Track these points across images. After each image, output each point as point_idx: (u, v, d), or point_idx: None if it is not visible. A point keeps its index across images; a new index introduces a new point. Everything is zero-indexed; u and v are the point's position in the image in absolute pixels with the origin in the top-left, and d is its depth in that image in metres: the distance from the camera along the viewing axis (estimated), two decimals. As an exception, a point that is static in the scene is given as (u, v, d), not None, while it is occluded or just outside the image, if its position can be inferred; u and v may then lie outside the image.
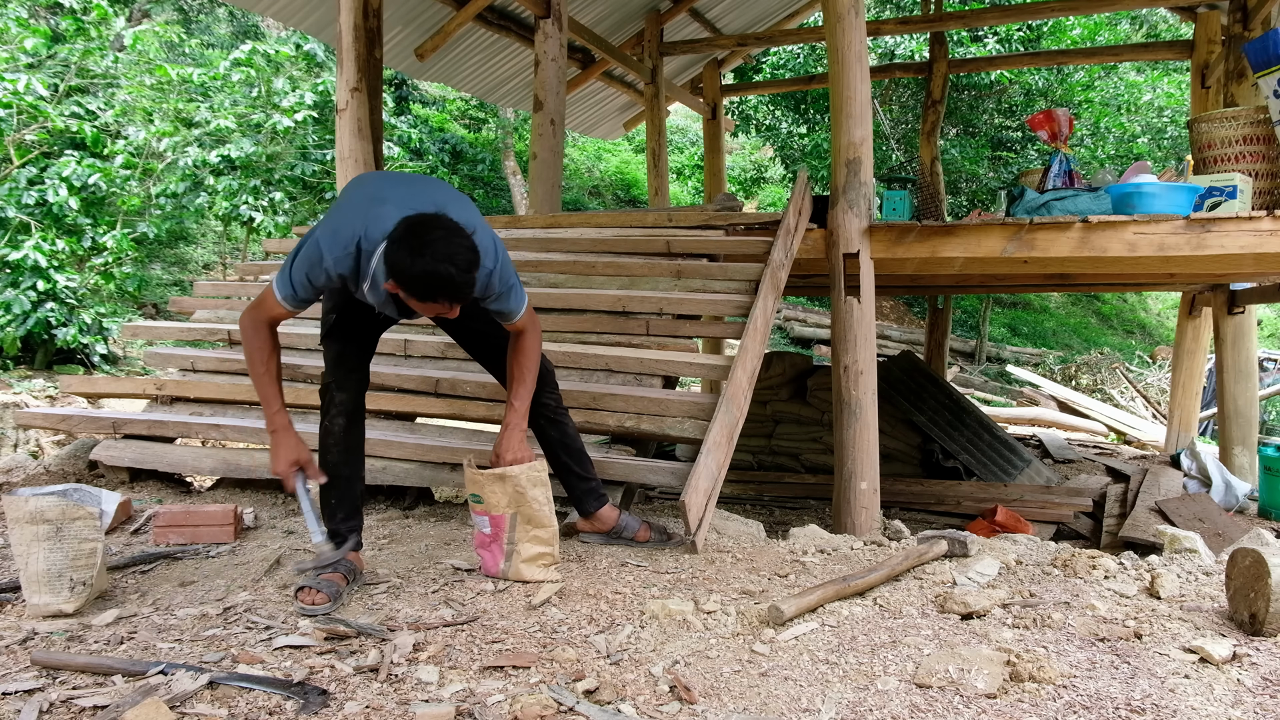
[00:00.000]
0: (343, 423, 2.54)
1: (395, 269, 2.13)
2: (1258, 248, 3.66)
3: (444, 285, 2.12)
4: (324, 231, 2.28)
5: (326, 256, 2.24)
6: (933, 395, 6.54)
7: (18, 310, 7.78)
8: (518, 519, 2.47)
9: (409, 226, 2.14)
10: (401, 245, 2.11)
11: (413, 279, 2.12)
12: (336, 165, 5.50)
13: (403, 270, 2.12)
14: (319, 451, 2.56)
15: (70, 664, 1.87)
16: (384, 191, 2.37)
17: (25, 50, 8.54)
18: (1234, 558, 2.23)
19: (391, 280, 2.17)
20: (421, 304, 2.21)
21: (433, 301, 2.18)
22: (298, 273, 2.28)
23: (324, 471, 2.51)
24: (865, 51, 4.16)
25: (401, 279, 2.14)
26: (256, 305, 2.37)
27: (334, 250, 2.24)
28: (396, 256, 2.12)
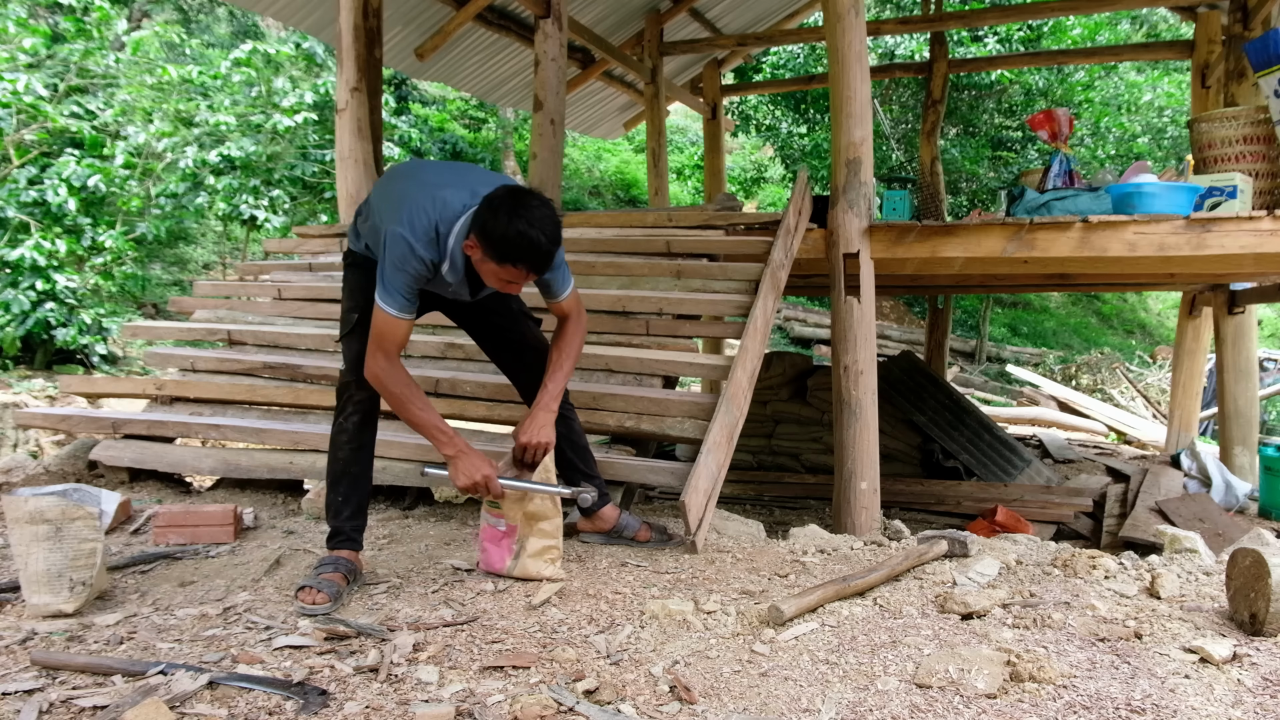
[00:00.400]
0: (357, 420, 2.55)
1: (487, 230, 2.20)
2: (1258, 248, 3.65)
3: (531, 249, 2.20)
4: (398, 228, 2.28)
5: (417, 247, 2.27)
6: (933, 395, 6.54)
7: (17, 310, 7.78)
8: (525, 519, 2.49)
9: (509, 192, 2.23)
10: (499, 208, 2.20)
11: (504, 239, 2.19)
12: (336, 165, 5.49)
13: (495, 231, 2.19)
14: (330, 449, 2.57)
15: (70, 664, 1.87)
16: (437, 178, 2.41)
17: (24, 50, 8.53)
18: (1234, 558, 2.23)
19: (478, 242, 2.23)
20: (500, 267, 2.25)
21: (512, 265, 2.24)
22: (395, 280, 2.29)
23: (332, 468, 2.54)
24: (865, 51, 4.16)
25: (491, 239, 2.20)
26: (377, 343, 2.33)
27: (420, 239, 2.28)
28: (492, 218, 2.19)
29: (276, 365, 3.95)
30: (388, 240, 2.28)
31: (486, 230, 2.21)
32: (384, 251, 2.29)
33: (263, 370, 3.96)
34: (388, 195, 2.44)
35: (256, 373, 3.97)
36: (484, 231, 2.22)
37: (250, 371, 3.99)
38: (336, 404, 2.60)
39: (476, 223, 2.24)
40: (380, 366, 2.35)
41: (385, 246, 2.29)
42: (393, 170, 2.62)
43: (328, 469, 2.59)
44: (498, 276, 2.31)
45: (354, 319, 2.57)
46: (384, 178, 2.60)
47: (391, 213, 2.34)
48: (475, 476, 2.36)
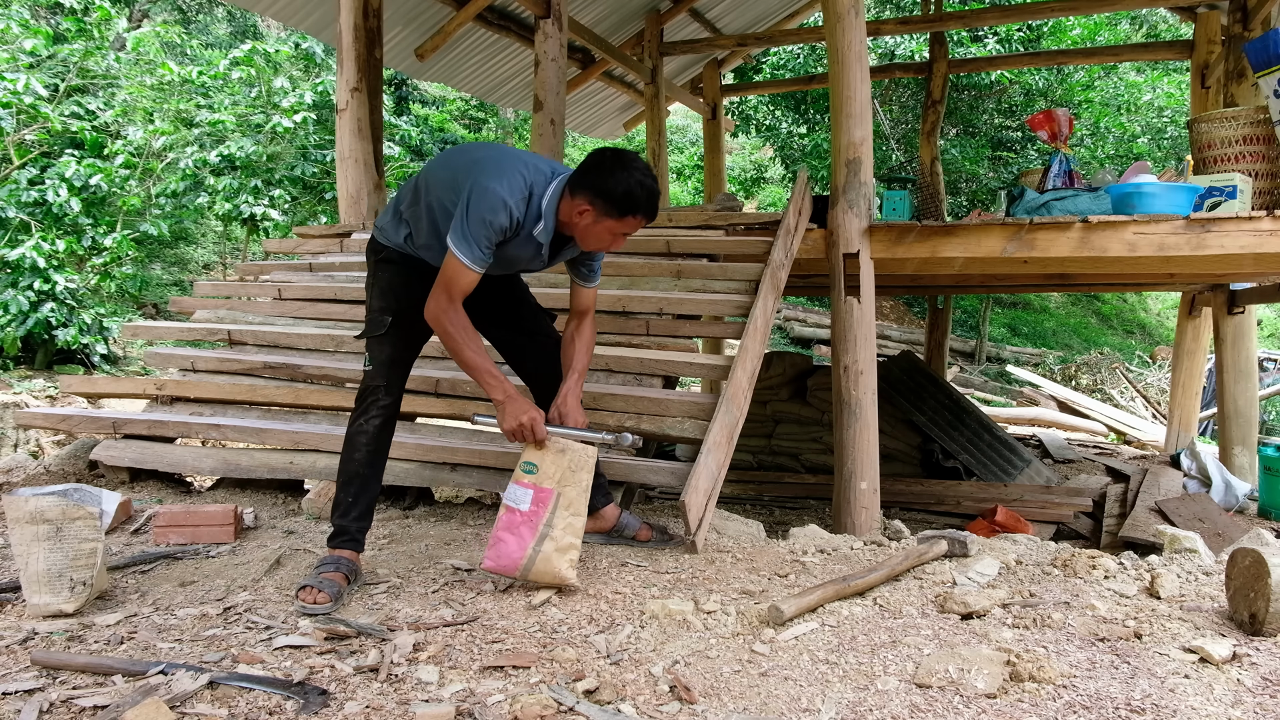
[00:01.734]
0: (379, 424, 2.55)
1: (604, 188, 2.32)
2: (1258, 248, 3.66)
3: (649, 199, 2.36)
4: (491, 183, 2.32)
5: (510, 203, 2.33)
6: (933, 395, 6.54)
7: (17, 310, 7.78)
8: (560, 500, 2.42)
9: (613, 153, 2.37)
10: (609, 168, 2.33)
11: (626, 194, 2.33)
12: (336, 165, 5.50)
13: (616, 187, 2.32)
14: (345, 448, 2.55)
15: (70, 664, 1.87)
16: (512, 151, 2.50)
17: (25, 51, 8.54)
18: (1234, 558, 2.23)
19: (591, 203, 2.34)
20: (618, 222, 2.37)
21: (632, 216, 2.37)
22: (478, 232, 2.32)
23: (347, 468, 2.53)
24: (865, 51, 4.16)
25: (612, 196, 2.32)
26: (445, 288, 2.36)
27: (513, 196, 2.34)
28: (608, 177, 2.32)
29: (277, 365, 3.95)
30: (475, 193, 2.31)
31: (604, 189, 2.33)
32: (468, 204, 2.31)
33: (263, 370, 3.96)
34: (463, 163, 2.46)
35: (257, 373, 3.98)
36: (601, 190, 2.33)
37: (250, 371, 3.99)
38: (357, 405, 2.57)
39: (586, 186, 2.35)
40: (443, 308, 2.38)
41: (471, 198, 2.31)
42: (452, 150, 2.61)
43: (341, 468, 2.56)
44: (612, 233, 2.42)
45: (386, 321, 2.53)
46: (444, 156, 2.58)
47: (478, 172, 2.37)
48: (522, 419, 2.42)
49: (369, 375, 2.56)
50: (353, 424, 2.56)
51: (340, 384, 3.89)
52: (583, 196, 2.37)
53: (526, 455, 2.47)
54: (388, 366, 2.55)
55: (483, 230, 2.32)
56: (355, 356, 4.05)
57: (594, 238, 2.44)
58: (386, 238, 2.60)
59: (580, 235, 2.44)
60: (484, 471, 3.32)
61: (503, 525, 2.44)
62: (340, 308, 4.40)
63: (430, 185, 2.50)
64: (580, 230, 2.42)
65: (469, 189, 2.33)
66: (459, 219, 2.33)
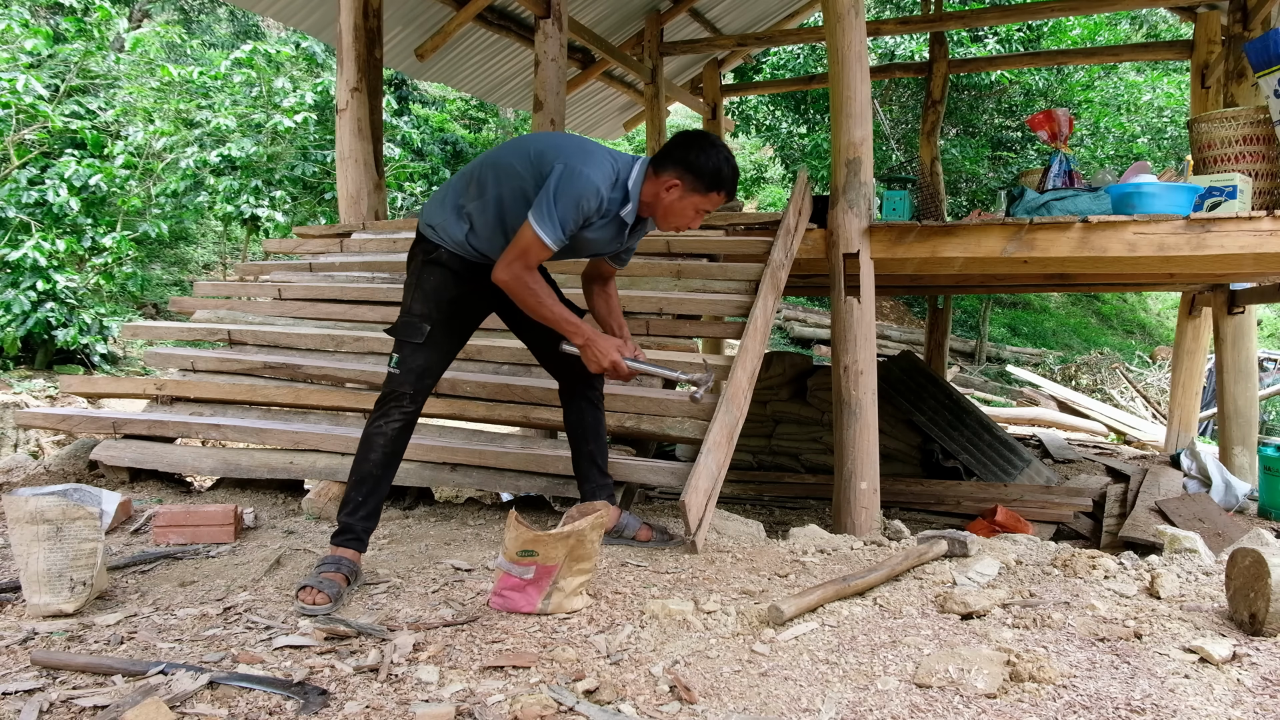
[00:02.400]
0: (399, 427, 2.53)
1: (695, 165, 2.44)
2: (1258, 248, 3.66)
3: (732, 177, 2.50)
4: (583, 167, 2.38)
5: (602, 188, 2.41)
6: (933, 395, 6.54)
7: (18, 310, 7.78)
8: (567, 560, 2.31)
9: (699, 133, 2.51)
10: (699, 146, 2.46)
11: (715, 171, 2.46)
12: (337, 165, 5.50)
13: (706, 165, 2.44)
14: (361, 448, 2.53)
15: (70, 664, 1.87)
16: (586, 139, 2.61)
17: (25, 51, 8.54)
18: (1234, 558, 2.23)
19: (681, 178, 2.45)
20: (704, 198, 2.49)
21: (717, 193, 2.49)
22: (565, 211, 2.37)
23: (361, 468, 2.52)
24: (865, 51, 4.16)
25: (702, 173, 2.45)
26: (522, 257, 2.41)
27: (604, 181, 2.42)
28: (699, 155, 2.45)
29: (277, 365, 3.95)
30: (567, 175, 2.37)
31: (694, 164, 2.45)
32: (557, 184, 2.36)
33: (263, 370, 3.96)
34: (541, 149, 2.49)
35: (257, 373, 3.98)
36: (691, 166, 2.45)
37: (250, 371, 3.99)
38: (379, 406, 2.54)
39: (676, 161, 2.46)
40: (518, 274, 2.43)
41: (561, 180, 2.37)
42: (515, 143, 2.61)
43: (355, 466, 2.54)
44: (696, 209, 2.52)
45: (425, 330, 2.52)
46: (509, 148, 2.58)
47: (568, 155, 2.42)
48: (604, 361, 2.52)
49: (395, 380, 2.53)
50: (372, 424, 2.54)
51: (340, 384, 3.89)
52: (671, 172, 2.47)
53: (521, 545, 2.29)
54: (418, 375, 2.53)
55: (571, 212, 2.37)
56: (355, 357, 4.05)
57: (677, 214, 2.53)
58: (440, 236, 2.56)
59: (663, 212, 2.53)
60: (484, 471, 3.32)
61: (504, 584, 2.32)
62: (340, 308, 4.40)
63: (500, 176, 2.50)
64: (664, 206, 2.51)
65: (559, 171, 2.38)
66: (545, 198, 2.37)
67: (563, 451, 3.33)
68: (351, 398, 3.76)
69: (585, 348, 2.53)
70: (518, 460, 3.29)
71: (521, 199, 2.46)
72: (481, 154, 2.65)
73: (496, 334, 4.07)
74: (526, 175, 2.46)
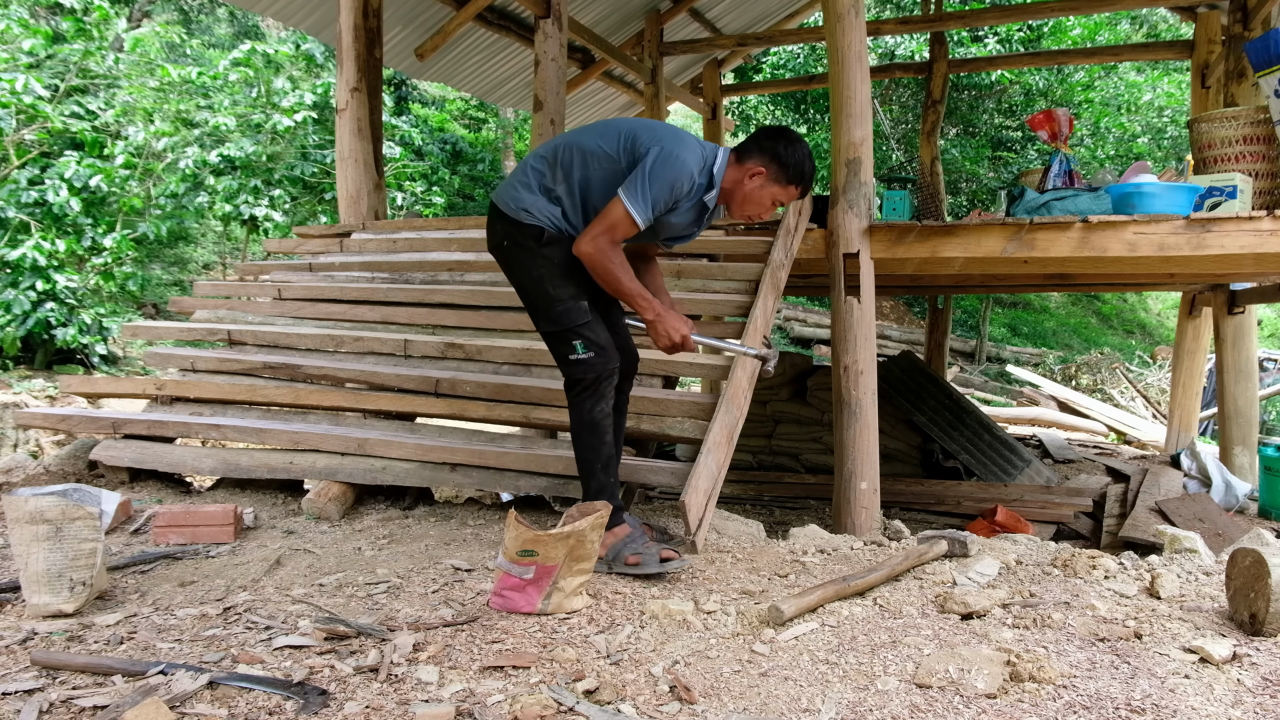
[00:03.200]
0: (613, 403, 2.64)
1: (782, 157, 2.53)
2: (1258, 248, 3.65)
3: (811, 175, 2.60)
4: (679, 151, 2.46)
5: (696, 173, 2.50)
6: (933, 395, 6.54)
7: (18, 310, 7.78)
8: (567, 560, 2.31)
9: (782, 128, 2.60)
10: (787, 139, 2.55)
11: (798, 165, 2.55)
12: (337, 165, 5.50)
13: (792, 157, 2.54)
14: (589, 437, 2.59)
15: (70, 664, 1.87)
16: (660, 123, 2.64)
17: (25, 51, 8.54)
18: (1234, 558, 2.23)
19: (766, 167, 2.53)
20: (783, 189, 2.58)
21: (795, 186, 2.58)
22: (658, 193, 2.44)
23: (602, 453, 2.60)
24: (865, 51, 4.16)
25: (787, 165, 2.54)
26: (609, 232, 2.46)
27: (697, 167, 2.51)
28: (787, 147, 2.54)
29: (276, 365, 3.95)
30: (663, 158, 2.43)
31: (781, 157, 2.53)
32: (651, 165, 2.43)
33: (263, 370, 3.96)
34: (632, 131, 2.54)
35: (256, 373, 3.98)
36: (778, 158, 2.53)
37: (250, 371, 3.99)
38: (588, 391, 2.57)
39: (764, 151, 2.54)
40: (603, 248, 2.47)
41: (657, 161, 2.43)
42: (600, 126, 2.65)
43: (592, 455, 2.60)
44: (774, 199, 2.60)
45: (585, 306, 2.58)
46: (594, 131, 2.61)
47: (663, 139, 2.48)
48: (675, 337, 2.59)
49: (595, 362, 2.57)
50: (589, 412, 2.58)
51: (340, 384, 3.89)
52: (756, 161, 2.54)
53: (521, 545, 2.29)
54: (608, 345, 2.60)
55: (663, 193, 2.43)
56: (355, 357, 4.05)
57: (755, 202, 2.59)
58: (539, 218, 2.57)
59: (741, 198, 2.59)
60: (484, 471, 3.32)
61: (504, 584, 2.32)
62: (340, 308, 4.40)
63: (588, 160, 2.54)
64: (744, 194, 2.58)
65: (655, 153, 2.43)
66: (640, 178, 2.42)
67: (563, 451, 3.33)
68: (351, 398, 3.76)
69: (655, 323, 2.57)
70: (518, 460, 3.29)
71: (610, 180, 2.51)
72: (558, 137, 2.67)
73: (496, 334, 4.08)
74: (619, 158, 2.51)
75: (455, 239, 4.82)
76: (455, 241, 4.80)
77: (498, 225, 2.64)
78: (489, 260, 4.53)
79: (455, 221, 5.41)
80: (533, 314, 2.68)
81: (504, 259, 2.68)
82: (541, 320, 2.63)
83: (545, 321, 2.61)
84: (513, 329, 4.07)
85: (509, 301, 4.17)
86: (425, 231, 5.01)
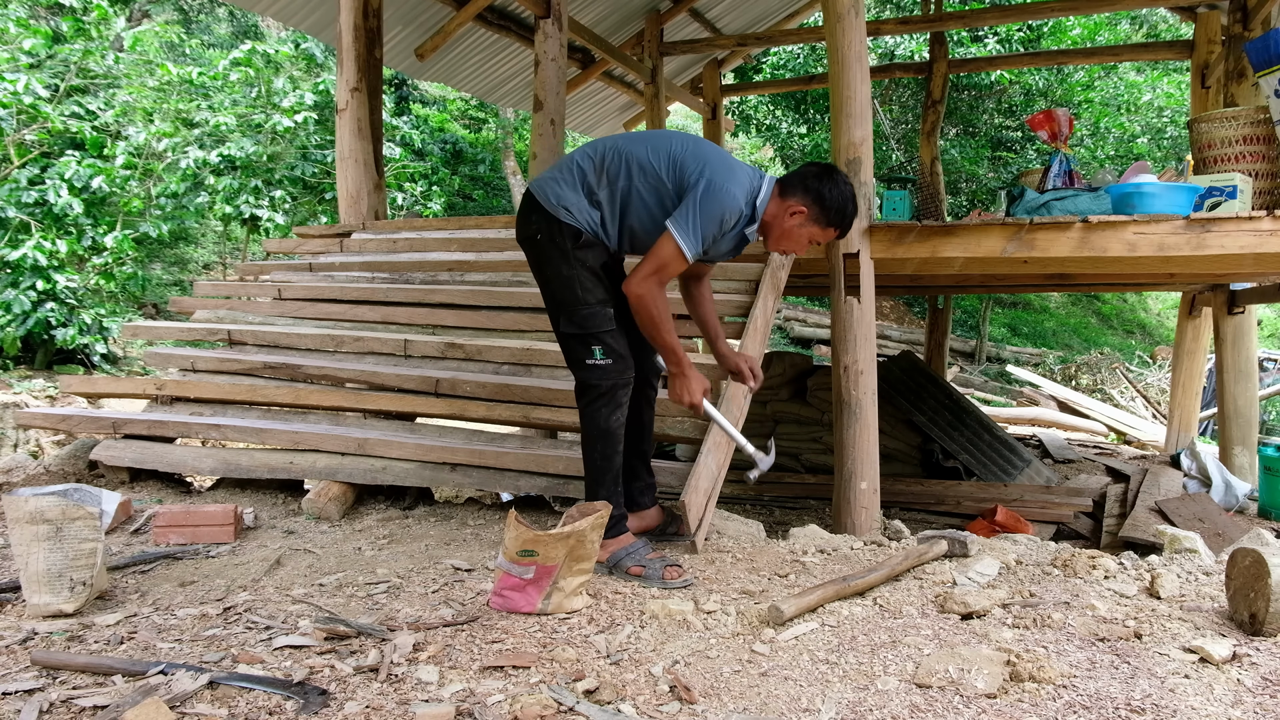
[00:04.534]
0: (626, 413, 2.60)
1: (826, 198, 2.51)
2: (1258, 248, 3.65)
3: (852, 219, 2.59)
4: (731, 185, 2.44)
5: (742, 207, 2.49)
6: (933, 395, 6.54)
7: (18, 310, 7.77)
8: (567, 560, 2.31)
9: (829, 167, 2.57)
10: (832, 180, 2.53)
11: (840, 208, 2.54)
12: (337, 165, 5.50)
13: (834, 200, 2.52)
14: (603, 446, 2.57)
15: (70, 664, 1.87)
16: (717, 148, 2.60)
17: (25, 51, 8.53)
18: (1234, 558, 2.23)
19: (806, 206, 2.51)
20: (823, 230, 2.57)
21: (834, 228, 2.58)
22: (708, 230, 2.43)
23: (610, 464, 2.59)
24: (865, 51, 4.16)
25: (829, 207, 2.52)
26: (659, 272, 2.46)
27: (745, 196, 2.49)
28: (832, 188, 2.52)
29: (277, 365, 3.95)
30: (712, 190, 2.42)
31: (825, 199, 2.51)
32: (702, 197, 2.41)
33: (263, 370, 3.96)
34: (681, 153, 2.51)
35: (257, 373, 3.98)
36: (821, 199, 2.51)
37: (250, 371, 3.99)
38: (602, 400, 2.54)
39: (807, 190, 2.51)
40: (652, 290, 2.46)
41: (706, 194, 2.41)
42: (650, 137, 2.61)
43: (601, 465, 2.58)
44: (811, 239, 2.59)
45: (610, 313, 2.55)
46: (643, 142, 2.57)
47: (712, 169, 2.44)
48: (687, 399, 2.61)
49: (612, 369, 2.54)
50: (606, 420, 2.55)
51: (340, 384, 3.89)
52: (799, 199, 2.52)
53: (522, 545, 2.28)
54: (627, 354, 2.58)
55: (713, 227, 2.42)
56: (355, 357, 4.05)
57: (791, 239, 2.58)
58: (578, 219, 2.53)
59: (779, 234, 2.57)
60: (484, 471, 3.32)
61: (506, 585, 2.31)
62: (340, 308, 4.40)
63: (633, 172, 2.50)
64: (781, 229, 2.56)
65: (704, 184, 2.41)
66: (691, 210, 2.40)
67: (562, 451, 3.33)
68: (352, 398, 3.76)
69: (678, 377, 2.60)
70: (518, 460, 3.29)
71: (654, 199, 2.49)
72: (606, 140, 2.62)
73: (496, 334, 4.08)
74: (665, 179, 2.48)
75: (455, 239, 4.82)
76: (455, 241, 4.80)
77: (533, 218, 2.57)
78: (489, 260, 4.53)
79: (455, 221, 5.41)
80: (555, 312, 2.62)
81: (534, 253, 2.62)
82: (564, 321, 2.58)
83: (568, 322, 2.56)
84: (513, 329, 4.07)
85: (509, 301, 4.17)
86: (425, 231, 5.01)
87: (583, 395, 2.58)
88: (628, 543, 2.62)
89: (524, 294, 4.15)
